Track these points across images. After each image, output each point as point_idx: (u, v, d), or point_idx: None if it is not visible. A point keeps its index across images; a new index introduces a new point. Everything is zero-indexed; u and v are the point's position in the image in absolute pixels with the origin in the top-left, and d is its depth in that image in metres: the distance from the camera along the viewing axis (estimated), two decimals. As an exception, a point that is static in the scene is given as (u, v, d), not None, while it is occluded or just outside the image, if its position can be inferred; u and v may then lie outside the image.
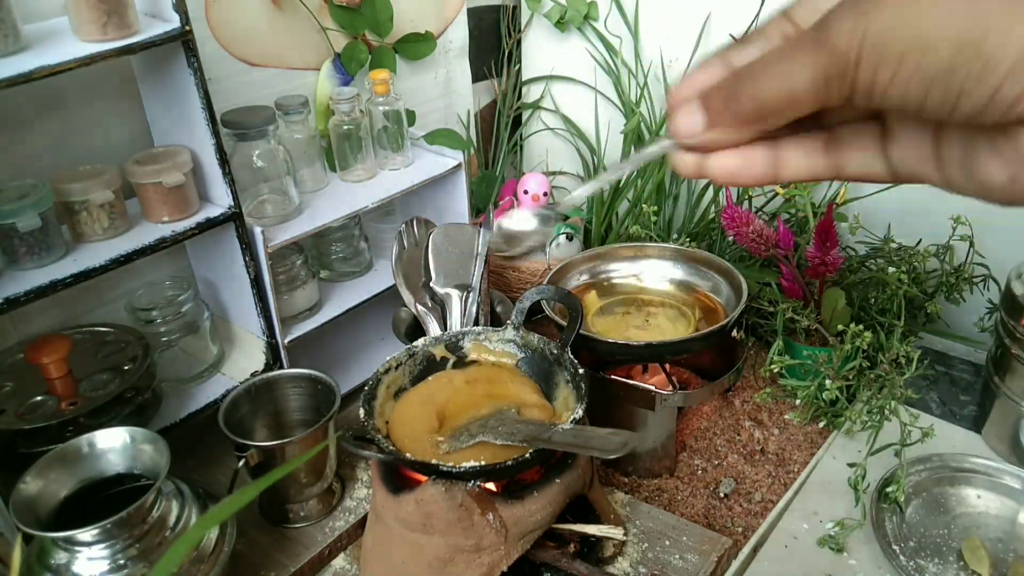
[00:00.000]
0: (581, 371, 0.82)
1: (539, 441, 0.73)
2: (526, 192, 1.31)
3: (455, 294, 0.98)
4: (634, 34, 1.32)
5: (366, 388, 0.82)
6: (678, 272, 1.09)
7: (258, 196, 1.01)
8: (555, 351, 0.85)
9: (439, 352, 0.89)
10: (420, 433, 0.78)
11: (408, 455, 0.75)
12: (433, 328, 0.96)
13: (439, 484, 0.73)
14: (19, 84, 0.71)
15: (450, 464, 0.73)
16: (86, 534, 0.70)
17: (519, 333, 0.88)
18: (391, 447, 0.76)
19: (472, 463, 0.73)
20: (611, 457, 0.70)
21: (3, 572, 0.74)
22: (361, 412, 0.79)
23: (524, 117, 1.51)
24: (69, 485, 0.75)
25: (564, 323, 0.89)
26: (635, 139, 1.33)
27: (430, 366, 0.88)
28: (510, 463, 0.72)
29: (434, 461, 0.74)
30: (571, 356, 0.84)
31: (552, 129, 1.49)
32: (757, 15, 1.13)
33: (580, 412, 0.77)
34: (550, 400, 0.83)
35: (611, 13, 1.34)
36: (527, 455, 0.73)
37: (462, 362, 0.89)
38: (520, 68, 1.47)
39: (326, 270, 1.16)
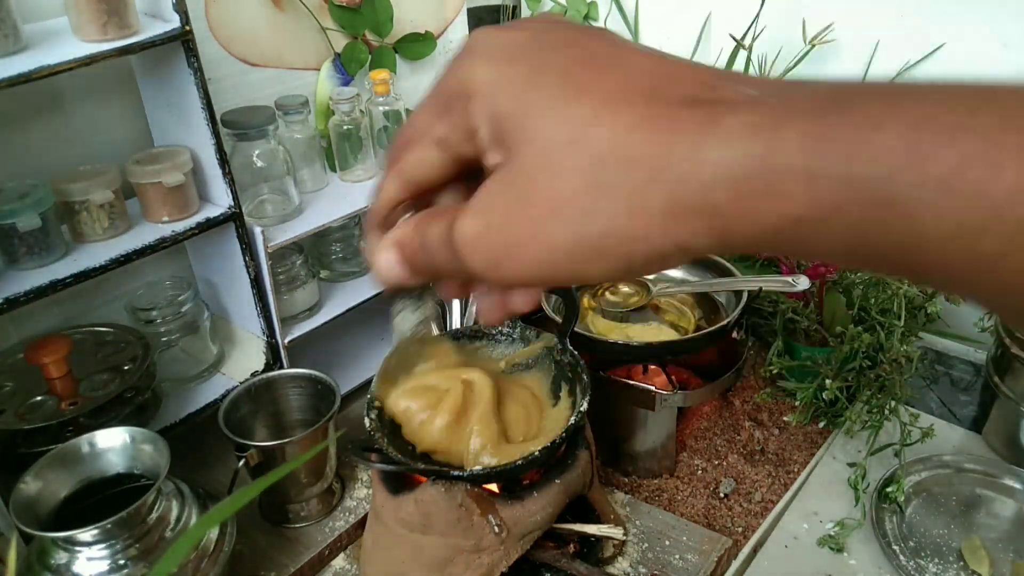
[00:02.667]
0: (582, 363, 0.81)
1: None
2: (526, 192, 1.31)
3: (455, 294, 0.98)
4: (634, 34, 1.32)
5: (369, 396, 0.81)
6: (678, 272, 1.09)
7: (258, 196, 1.01)
8: (556, 343, 0.85)
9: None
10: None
11: (420, 465, 0.75)
12: (433, 328, 0.96)
13: (438, 484, 0.73)
14: (19, 84, 0.71)
15: (458, 470, 0.73)
16: (86, 534, 0.70)
17: (516, 328, 0.88)
18: (398, 456, 0.75)
19: (480, 467, 0.73)
20: None
21: (3, 572, 0.74)
22: (367, 421, 0.78)
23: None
24: (69, 485, 0.75)
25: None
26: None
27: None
28: (518, 463, 0.72)
29: (446, 468, 0.74)
30: (572, 348, 0.83)
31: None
32: (757, 15, 1.13)
33: (585, 405, 0.77)
34: (554, 396, 0.83)
35: (611, 13, 1.34)
36: (535, 453, 0.72)
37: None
38: (520, 68, 1.47)
39: (326, 270, 1.16)
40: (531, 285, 0.28)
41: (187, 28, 0.81)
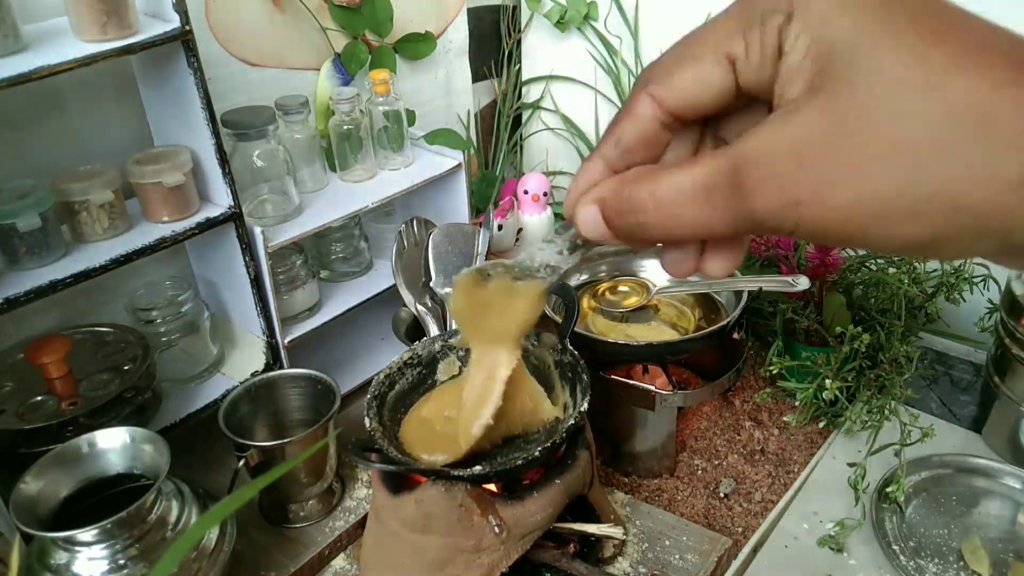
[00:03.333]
0: (583, 362, 0.81)
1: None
2: (526, 192, 1.31)
3: (455, 294, 0.98)
4: (634, 34, 1.32)
5: (369, 396, 0.81)
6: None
7: (258, 196, 1.01)
8: (556, 343, 0.85)
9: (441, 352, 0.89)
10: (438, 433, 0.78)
11: (420, 464, 0.75)
12: (433, 328, 0.96)
13: (439, 484, 0.73)
14: (19, 84, 0.71)
15: (458, 471, 0.73)
16: (86, 534, 0.70)
17: None
18: (398, 455, 0.75)
19: (479, 467, 0.73)
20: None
21: (3, 572, 0.74)
22: (367, 421, 0.78)
23: (524, 117, 1.51)
24: (69, 485, 0.75)
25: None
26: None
27: (432, 367, 0.88)
28: (518, 463, 0.72)
29: (444, 468, 0.74)
30: (572, 348, 0.83)
31: (552, 129, 1.49)
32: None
33: (586, 405, 0.77)
34: (550, 394, 0.83)
35: (611, 13, 1.34)
36: (535, 453, 0.72)
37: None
38: (520, 68, 1.47)
39: (326, 270, 1.16)
40: (818, 237, 0.25)
41: (187, 28, 0.81)
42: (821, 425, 1.05)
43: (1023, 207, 0.22)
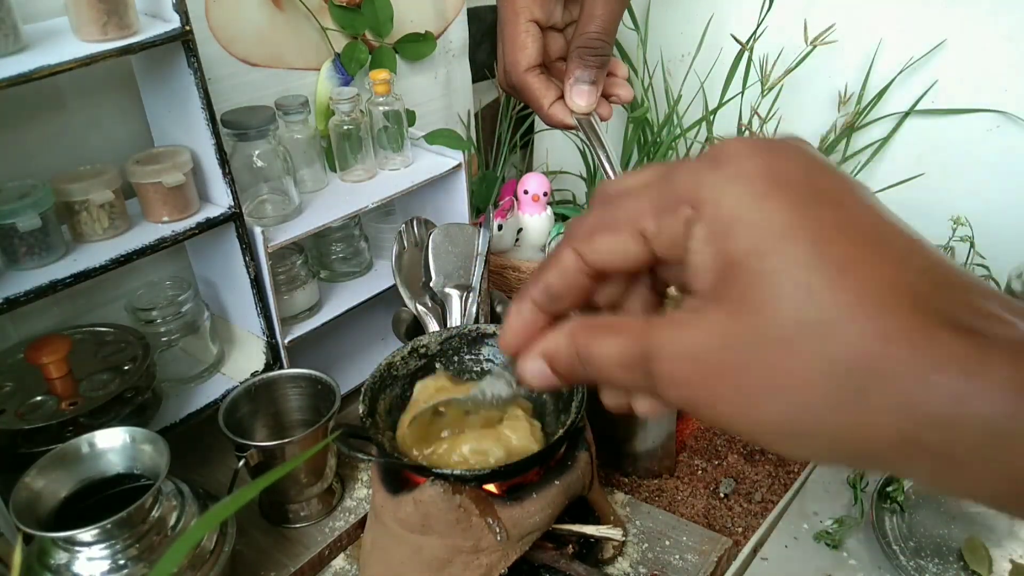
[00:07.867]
0: None
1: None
2: (526, 192, 1.31)
3: (455, 294, 0.98)
4: (643, 41, 1.32)
5: (367, 385, 0.81)
6: (678, 272, 1.09)
7: (258, 196, 1.01)
8: None
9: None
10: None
11: (405, 459, 0.75)
12: (433, 328, 0.96)
13: (438, 485, 0.73)
14: (19, 84, 0.71)
15: (448, 468, 0.73)
16: (86, 534, 0.70)
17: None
18: (388, 444, 0.75)
19: (479, 467, 0.73)
20: None
21: (3, 572, 0.74)
22: (360, 408, 0.78)
23: (530, 116, 1.51)
24: (69, 485, 0.75)
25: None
26: (638, 135, 1.33)
27: (427, 366, 0.88)
28: (518, 463, 0.72)
29: (431, 466, 0.74)
30: None
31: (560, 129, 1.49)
32: (762, 18, 1.13)
33: (567, 418, 0.77)
34: (542, 414, 0.83)
35: (611, 13, 1.33)
36: (535, 453, 0.72)
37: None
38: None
39: (326, 270, 1.16)
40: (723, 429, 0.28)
41: (187, 28, 0.81)
42: (821, 425, 1.05)
43: (904, 462, 0.22)
